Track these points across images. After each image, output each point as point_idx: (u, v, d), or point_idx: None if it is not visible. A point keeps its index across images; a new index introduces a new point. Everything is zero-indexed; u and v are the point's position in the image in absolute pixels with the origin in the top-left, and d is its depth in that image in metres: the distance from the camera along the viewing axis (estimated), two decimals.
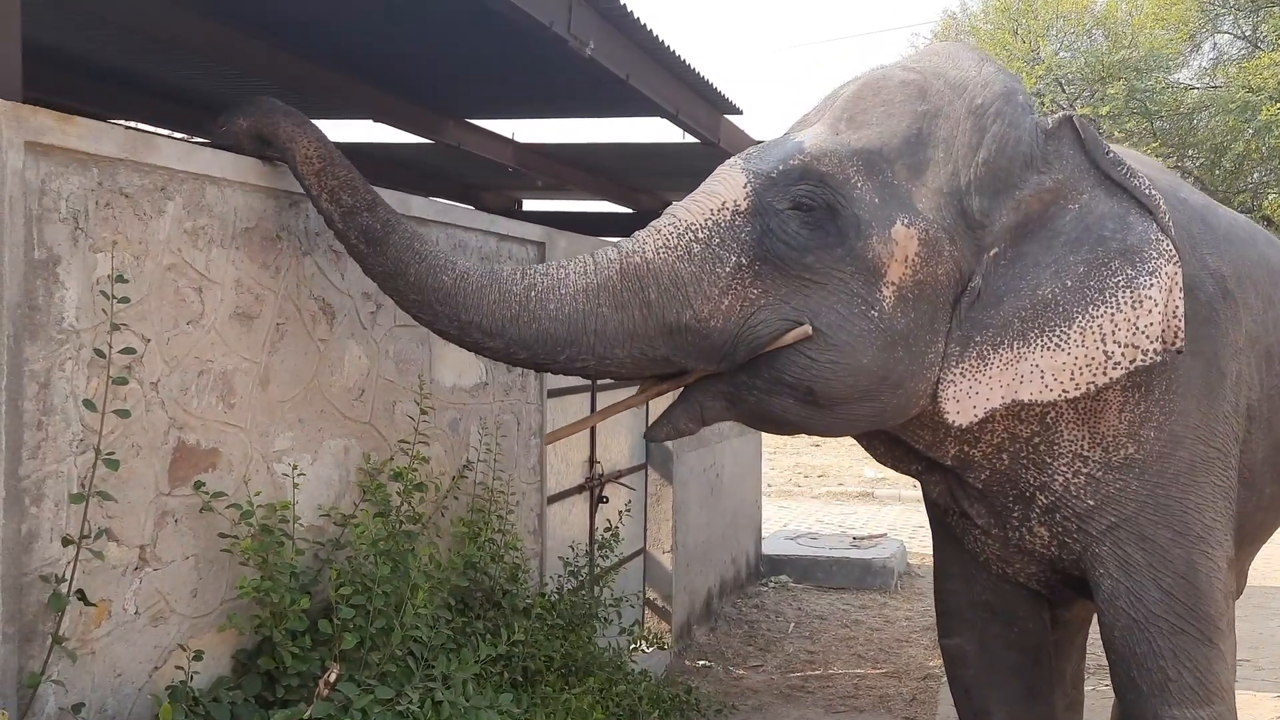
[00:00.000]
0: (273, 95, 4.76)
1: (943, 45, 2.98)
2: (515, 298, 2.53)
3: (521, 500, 3.99)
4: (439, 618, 2.87)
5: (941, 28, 18.27)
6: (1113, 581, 2.88)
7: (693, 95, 4.46)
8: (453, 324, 2.55)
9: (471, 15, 3.16)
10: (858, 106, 2.72)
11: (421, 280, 2.52)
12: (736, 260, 2.55)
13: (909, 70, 2.78)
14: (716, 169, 2.74)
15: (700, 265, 2.54)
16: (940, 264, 2.59)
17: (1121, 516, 2.86)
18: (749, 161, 2.67)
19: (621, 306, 2.54)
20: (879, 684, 5.48)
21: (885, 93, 2.72)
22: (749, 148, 2.85)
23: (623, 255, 2.58)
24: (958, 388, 2.62)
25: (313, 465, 2.81)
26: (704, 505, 6.40)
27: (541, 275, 2.58)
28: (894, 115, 2.68)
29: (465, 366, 3.61)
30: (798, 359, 2.56)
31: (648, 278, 2.54)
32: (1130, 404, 2.80)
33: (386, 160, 6.17)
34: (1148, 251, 2.61)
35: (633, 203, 7.32)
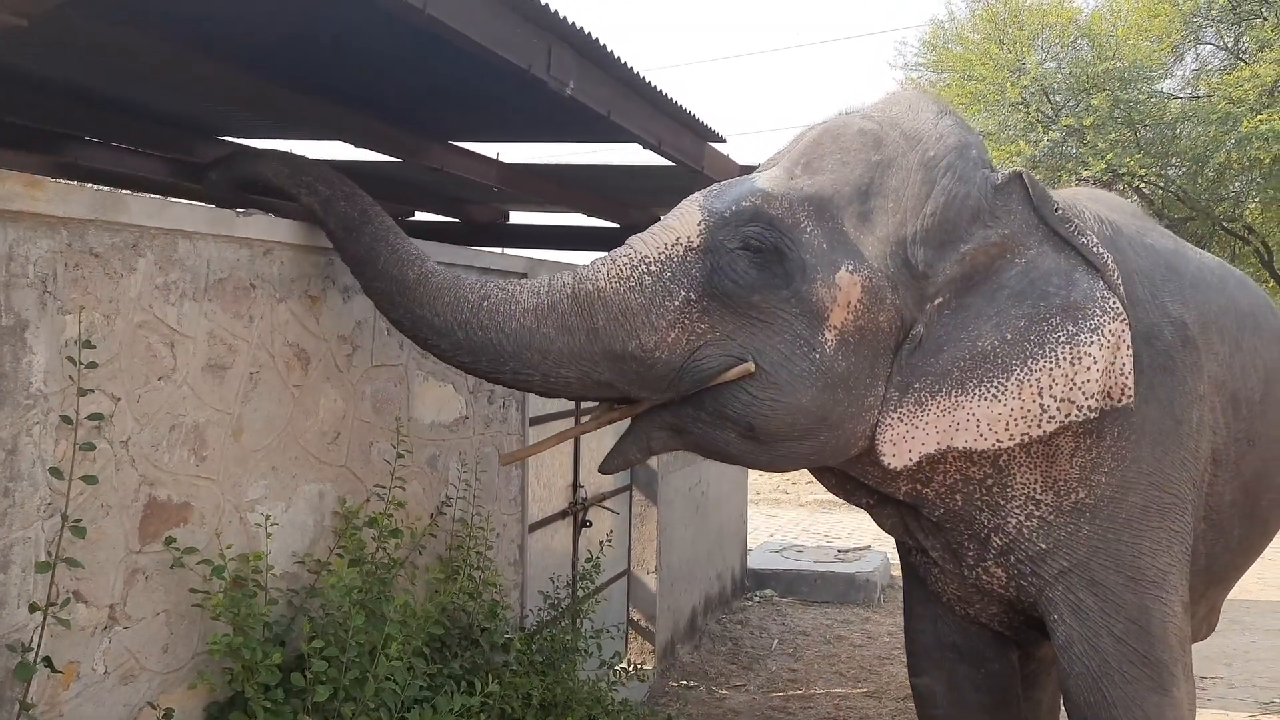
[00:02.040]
0: (257, 121, 4.78)
1: (907, 94, 3.02)
2: (468, 304, 2.64)
3: (502, 532, 3.98)
4: (413, 666, 2.86)
5: (930, 35, 18.33)
6: (1066, 628, 2.91)
7: (675, 126, 4.46)
8: (407, 316, 2.68)
9: (453, 53, 3.15)
10: (815, 152, 2.79)
11: (388, 270, 2.67)
12: (686, 295, 2.62)
13: (868, 119, 2.84)
14: (679, 204, 2.82)
15: (650, 297, 2.62)
16: (882, 311, 2.65)
17: (1073, 561, 2.88)
18: (706, 199, 2.74)
19: (568, 330, 2.63)
20: (860, 704, 5.50)
21: (843, 140, 2.79)
22: (712, 185, 2.91)
23: (576, 280, 2.66)
24: (895, 431, 2.68)
25: (286, 512, 2.81)
26: (689, 524, 6.41)
27: (497, 289, 2.68)
28: (848, 163, 2.75)
29: (444, 402, 3.61)
30: (740, 395, 2.64)
31: (597, 305, 2.62)
32: (1082, 449, 2.83)
33: (373, 177, 6.14)
34: (1091, 309, 2.65)
35: (621, 217, 7.32)
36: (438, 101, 4.34)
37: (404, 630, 2.82)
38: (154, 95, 4.31)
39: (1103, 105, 15.31)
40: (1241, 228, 17.74)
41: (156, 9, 3.14)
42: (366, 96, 4.28)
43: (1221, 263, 3.55)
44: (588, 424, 2.95)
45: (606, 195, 6.74)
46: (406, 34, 2.89)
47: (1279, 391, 3.33)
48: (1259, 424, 3.22)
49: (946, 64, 17.96)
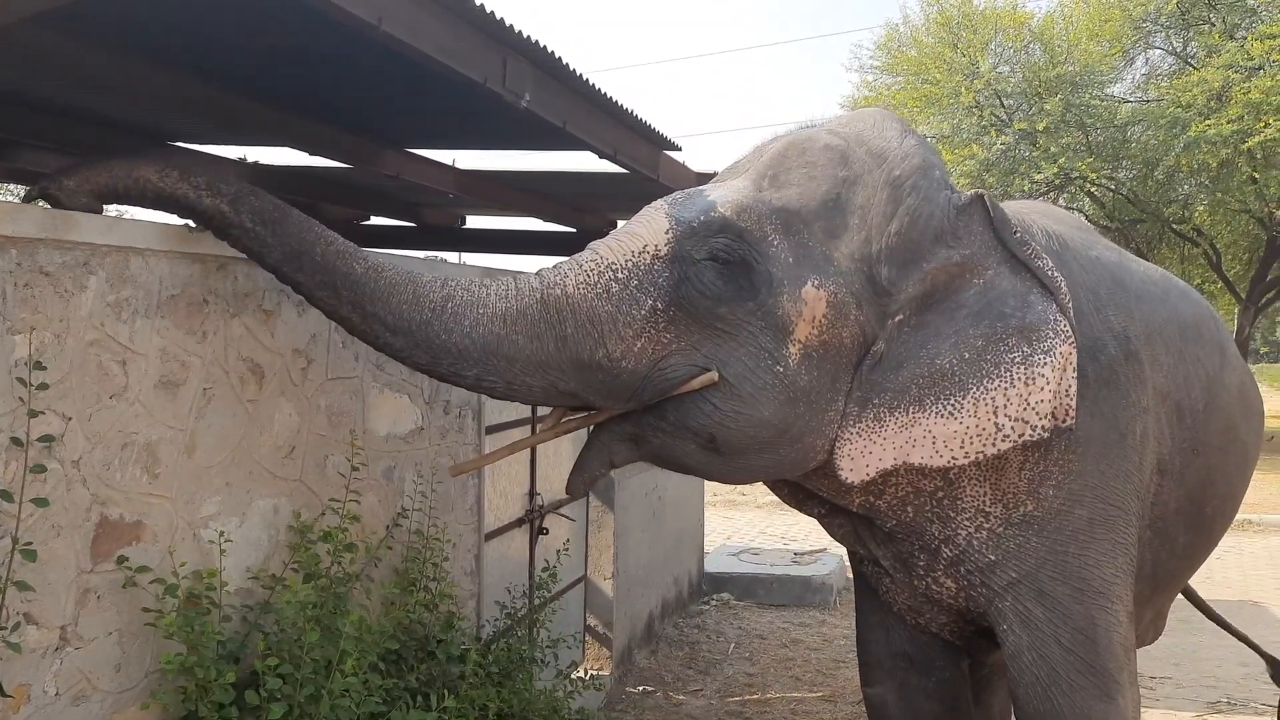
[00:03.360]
0: (210, 127, 4.75)
1: (870, 112, 3.04)
2: (430, 304, 2.57)
3: (458, 542, 3.99)
4: (369, 681, 2.87)
5: (885, 39, 18.52)
6: (1016, 637, 2.96)
7: (631, 135, 4.49)
8: (356, 312, 2.55)
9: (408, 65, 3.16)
10: (781, 165, 2.79)
11: (330, 262, 2.53)
12: (652, 304, 2.61)
13: (834, 135, 2.85)
14: (643, 209, 2.80)
15: (617, 305, 2.60)
16: (846, 327, 2.68)
17: (1022, 572, 2.94)
18: (673, 207, 2.73)
19: (537, 337, 2.59)
20: (815, 708, 5.56)
21: (809, 155, 2.79)
22: (678, 192, 2.91)
23: (544, 285, 2.63)
24: (853, 446, 2.72)
25: (240, 528, 2.80)
26: (646, 529, 6.44)
27: (461, 289, 2.61)
28: (815, 178, 2.76)
29: (400, 413, 3.61)
30: (703, 405, 2.65)
31: (566, 311, 2.60)
32: (1030, 462, 2.89)
33: (326, 181, 6.12)
34: (1045, 331, 2.70)
35: (577, 223, 7.33)
36: (393, 110, 4.34)
37: (359, 645, 2.82)
38: (107, 102, 4.27)
39: (1055, 109, 15.58)
40: (1190, 230, 18.13)
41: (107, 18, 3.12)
42: (321, 104, 4.27)
43: (1165, 274, 3.63)
44: (543, 434, 2.95)
45: (563, 201, 6.76)
46: (361, 45, 2.89)
47: (1221, 400, 3.42)
48: (1202, 433, 3.31)
49: (901, 67, 18.18)
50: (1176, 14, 16.64)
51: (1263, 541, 10.38)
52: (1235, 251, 19.67)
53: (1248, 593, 8.21)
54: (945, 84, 16.72)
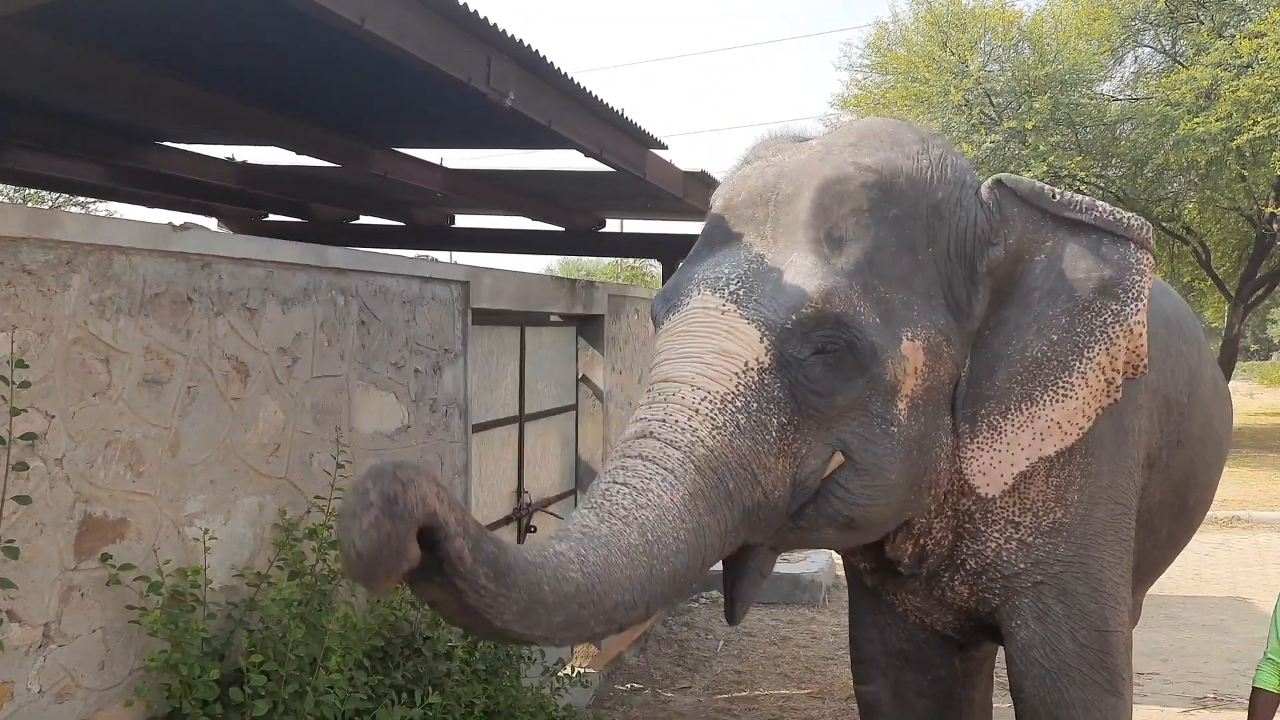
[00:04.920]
0: (198, 127, 4.76)
1: (881, 125, 2.88)
2: (640, 551, 2.21)
3: None
4: (354, 678, 2.88)
5: (874, 37, 18.53)
6: (1029, 632, 2.94)
7: (617, 134, 4.51)
8: (600, 620, 2.17)
9: (393, 64, 3.17)
10: (829, 217, 2.59)
11: (562, 594, 2.09)
12: (778, 421, 2.44)
13: (867, 170, 2.66)
14: (696, 310, 2.51)
15: (753, 437, 2.40)
16: (942, 365, 2.64)
17: (1048, 575, 2.93)
18: (749, 309, 2.47)
19: (714, 509, 2.33)
20: (804, 705, 5.58)
21: (853, 199, 2.61)
22: (728, 279, 2.56)
23: (685, 451, 2.33)
24: (980, 462, 2.69)
25: (225, 526, 2.81)
26: None
27: (642, 509, 2.24)
28: (867, 225, 2.60)
29: (386, 412, 3.62)
30: (835, 491, 2.55)
31: (721, 467, 2.35)
32: (1056, 469, 2.87)
33: (316, 181, 6.13)
34: (1129, 278, 2.72)
35: (565, 221, 7.35)
36: (379, 109, 4.35)
37: (344, 642, 2.83)
38: (94, 102, 4.27)
39: (1044, 107, 15.61)
40: (1180, 228, 18.19)
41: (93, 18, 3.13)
42: (308, 104, 4.28)
43: None
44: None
45: (551, 200, 6.78)
46: (345, 45, 2.90)
47: (1201, 393, 3.45)
48: (1186, 425, 3.34)
49: (891, 66, 18.19)
50: (1165, 12, 16.69)
51: (1251, 538, 10.43)
52: (1224, 249, 19.73)
53: (1236, 589, 8.25)
54: (935, 82, 16.74)
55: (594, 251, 9.16)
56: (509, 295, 4.67)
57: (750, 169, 2.82)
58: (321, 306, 3.23)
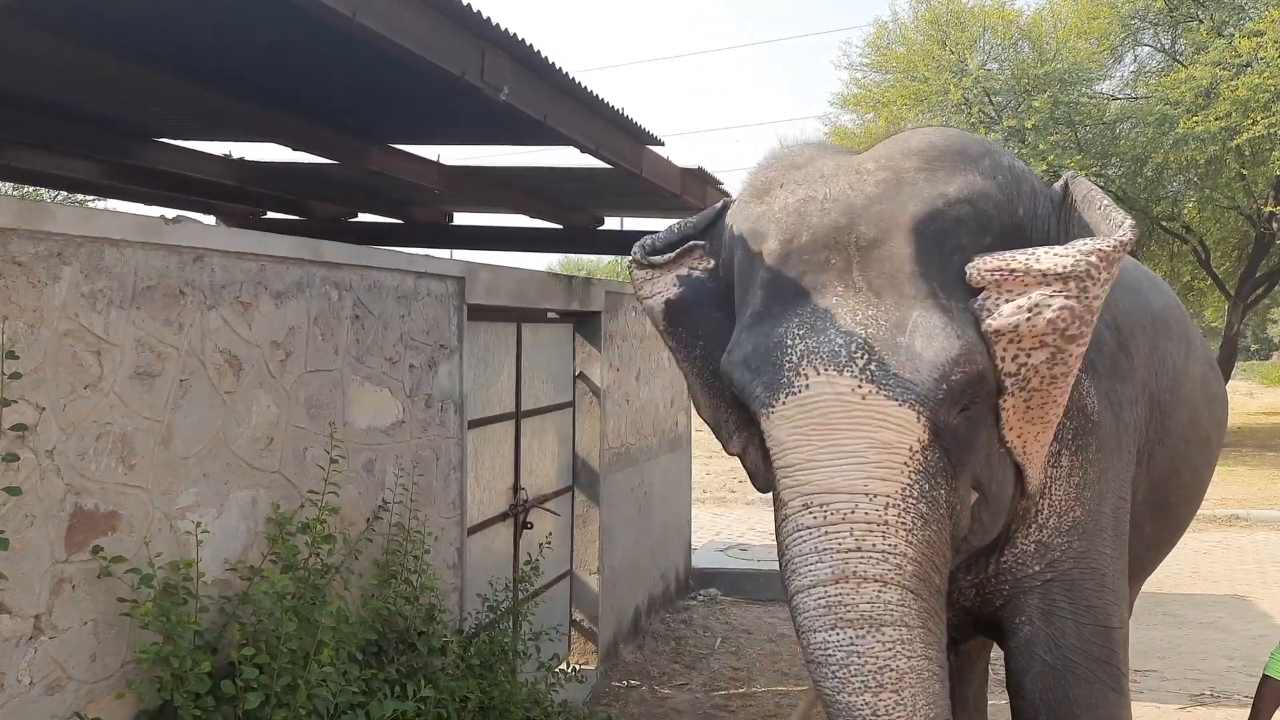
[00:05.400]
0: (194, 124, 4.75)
1: (939, 140, 2.72)
2: (936, 678, 2.35)
3: (440, 535, 4.00)
4: (347, 672, 2.88)
5: (874, 36, 18.52)
6: (1033, 628, 2.88)
7: (613, 130, 4.50)
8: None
9: (387, 59, 3.17)
10: (934, 264, 2.45)
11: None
12: (945, 491, 2.41)
13: (956, 203, 2.52)
14: (821, 391, 2.35)
15: (936, 521, 2.39)
16: None
17: (1058, 572, 2.89)
18: (894, 390, 2.34)
19: (935, 613, 2.40)
20: (800, 701, 5.58)
21: (950, 239, 2.49)
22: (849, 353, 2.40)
23: (898, 584, 2.29)
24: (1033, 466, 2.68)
25: (218, 519, 2.81)
26: (632, 524, 6.46)
27: (902, 687, 2.27)
28: (970, 257, 2.48)
29: (380, 407, 3.62)
30: (973, 527, 2.58)
31: (926, 570, 2.35)
32: (1077, 468, 2.85)
33: (314, 178, 6.12)
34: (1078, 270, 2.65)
35: (563, 219, 7.34)
36: (374, 105, 4.35)
37: (336, 636, 2.83)
38: (90, 99, 4.27)
39: (1044, 106, 15.60)
40: (1179, 227, 18.18)
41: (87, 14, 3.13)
42: (303, 100, 4.27)
43: (1135, 263, 3.64)
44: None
45: (548, 198, 6.77)
46: (339, 39, 2.90)
47: (1185, 391, 3.44)
48: (1169, 422, 3.33)
49: (890, 65, 18.19)
50: (1165, 11, 16.68)
51: (1249, 536, 10.43)
52: (1224, 248, 19.71)
53: (1234, 587, 8.26)
54: (934, 81, 16.74)
55: (593, 249, 9.15)
56: (505, 291, 4.67)
57: (794, 199, 2.61)
58: (315, 301, 3.23)
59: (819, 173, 2.67)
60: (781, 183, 2.69)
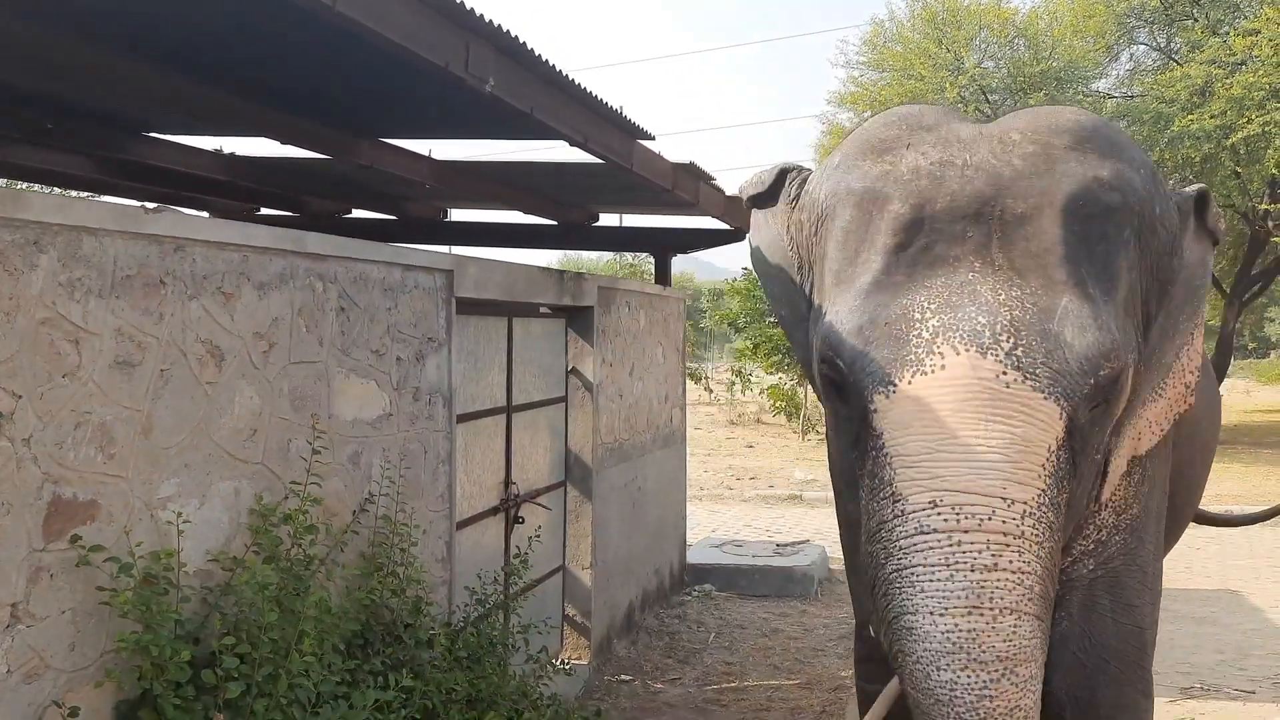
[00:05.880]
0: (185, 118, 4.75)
1: (1087, 121, 2.55)
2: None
3: (429, 529, 4.00)
4: (329, 662, 2.87)
5: (871, 34, 18.53)
6: (1070, 624, 2.74)
7: (602, 123, 4.50)
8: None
9: (372, 51, 3.16)
10: (1084, 249, 2.29)
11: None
12: (1064, 501, 2.28)
13: (1108, 188, 2.36)
14: (961, 372, 2.14)
15: (1059, 538, 2.26)
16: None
17: (1107, 569, 2.79)
18: (1042, 380, 2.15)
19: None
20: (792, 695, 5.58)
21: (1098, 225, 2.33)
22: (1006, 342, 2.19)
23: (1030, 598, 2.10)
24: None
25: (200, 510, 2.80)
26: (625, 519, 6.45)
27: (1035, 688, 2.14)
28: (1113, 254, 2.34)
29: (367, 399, 3.61)
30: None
31: (1049, 589, 2.20)
32: (1135, 465, 2.76)
33: (307, 174, 6.12)
34: (1206, 285, 2.68)
35: (558, 215, 7.34)
36: (362, 99, 4.34)
37: (319, 626, 2.82)
38: (78, 92, 4.27)
39: (1039, 104, 15.61)
40: None
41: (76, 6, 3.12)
42: (291, 94, 4.27)
43: None
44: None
45: (542, 193, 6.77)
46: (324, 30, 2.89)
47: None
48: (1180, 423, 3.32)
49: (887, 63, 18.19)
50: (1160, 9, 16.69)
51: (1243, 532, 10.42)
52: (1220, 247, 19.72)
53: (1226, 582, 8.26)
54: (930, 79, 16.74)
55: (589, 246, 9.17)
56: (495, 285, 4.66)
57: (927, 161, 2.39)
58: (299, 292, 3.23)
59: (954, 136, 2.46)
60: (908, 143, 2.46)
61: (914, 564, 2.08)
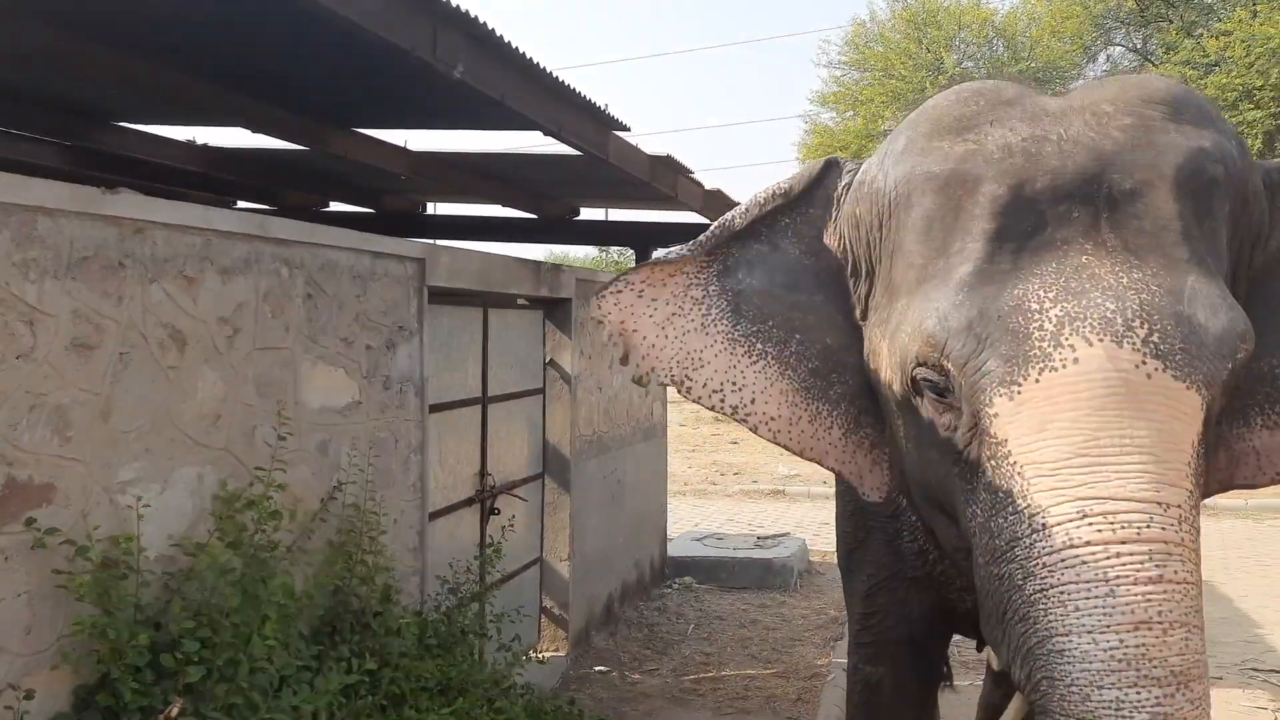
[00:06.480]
0: (154, 106, 4.71)
1: (1178, 89, 2.34)
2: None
3: (400, 518, 3.97)
4: (295, 648, 2.85)
5: (852, 34, 18.62)
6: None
7: (576, 112, 4.48)
8: None
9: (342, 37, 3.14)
10: (1199, 225, 2.12)
11: None
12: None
13: (1213, 160, 2.17)
14: (1100, 364, 1.93)
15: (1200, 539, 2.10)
16: None
17: None
18: (1182, 368, 1.95)
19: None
20: (768, 684, 5.58)
21: (1206, 198, 2.14)
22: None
23: (1196, 610, 1.93)
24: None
25: (162, 495, 2.78)
26: (605, 512, 6.44)
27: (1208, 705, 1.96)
28: (1219, 229, 2.17)
29: (336, 387, 3.59)
30: None
31: (1201, 585, 2.04)
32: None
33: (281, 165, 6.08)
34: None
35: (537, 209, 7.32)
36: (334, 87, 4.31)
37: (282, 611, 2.80)
38: (42, 78, 4.22)
39: None
40: None
41: None
42: (262, 81, 4.23)
43: None
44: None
45: (520, 186, 6.75)
46: (291, 13, 2.87)
47: None
48: None
49: (868, 63, 18.26)
50: (1136, 11, 16.80)
51: (1215, 525, 10.49)
52: None
53: None
54: (911, 79, 16.82)
55: (570, 240, 9.13)
56: (469, 274, 4.64)
57: (1019, 138, 2.18)
58: (265, 277, 3.20)
59: (1042, 110, 2.25)
60: (991, 119, 2.23)
61: (1064, 582, 1.89)
